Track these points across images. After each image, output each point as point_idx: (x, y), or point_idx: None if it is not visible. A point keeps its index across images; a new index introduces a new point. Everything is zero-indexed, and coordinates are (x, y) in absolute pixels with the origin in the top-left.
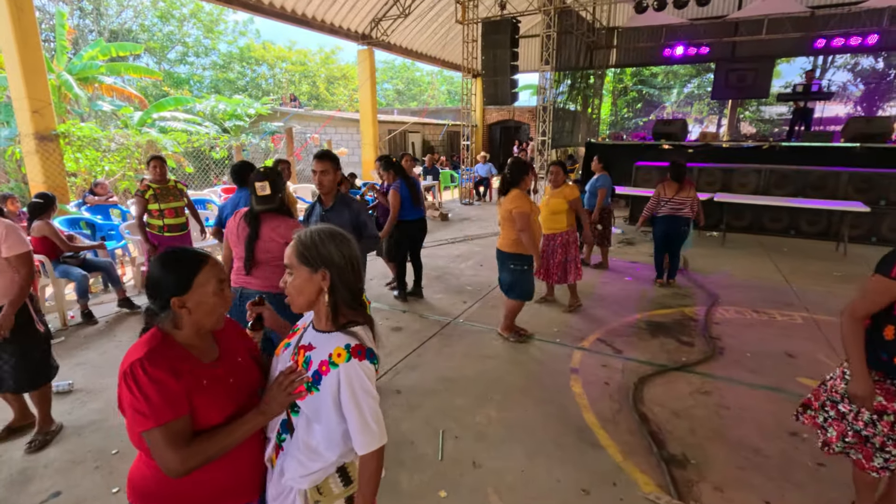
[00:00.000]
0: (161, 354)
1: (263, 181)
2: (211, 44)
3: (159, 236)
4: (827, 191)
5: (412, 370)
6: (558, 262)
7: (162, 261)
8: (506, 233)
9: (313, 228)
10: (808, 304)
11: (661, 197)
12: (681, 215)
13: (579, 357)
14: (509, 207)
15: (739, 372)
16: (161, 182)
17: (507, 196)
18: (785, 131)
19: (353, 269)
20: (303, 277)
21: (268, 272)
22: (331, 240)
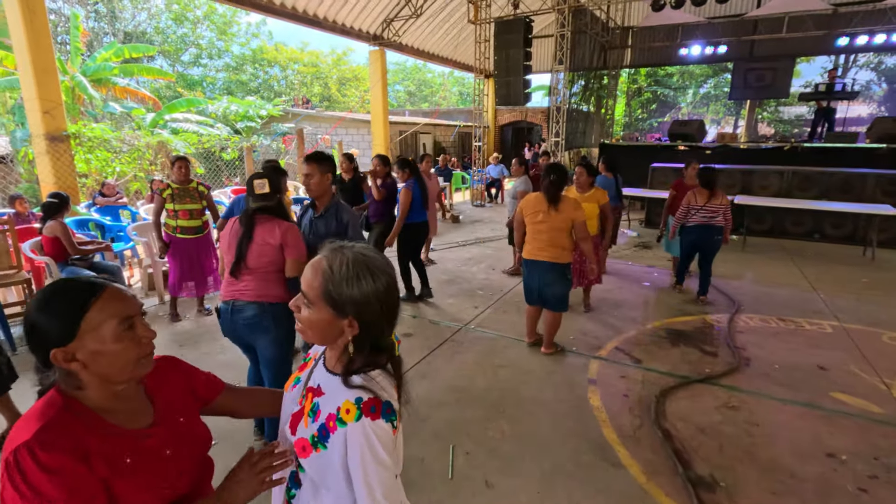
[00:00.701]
0: (59, 431)
1: (262, 179)
2: (224, 46)
3: (171, 237)
4: (853, 193)
5: (422, 378)
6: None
7: (39, 296)
8: (562, 242)
9: (349, 253)
10: (838, 312)
11: (692, 205)
12: (714, 224)
13: (596, 367)
14: (573, 216)
15: (768, 385)
16: (183, 183)
17: (563, 203)
18: (805, 132)
19: (390, 315)
20: (324, 319)
21: (261, 280)
22: (369, 275)
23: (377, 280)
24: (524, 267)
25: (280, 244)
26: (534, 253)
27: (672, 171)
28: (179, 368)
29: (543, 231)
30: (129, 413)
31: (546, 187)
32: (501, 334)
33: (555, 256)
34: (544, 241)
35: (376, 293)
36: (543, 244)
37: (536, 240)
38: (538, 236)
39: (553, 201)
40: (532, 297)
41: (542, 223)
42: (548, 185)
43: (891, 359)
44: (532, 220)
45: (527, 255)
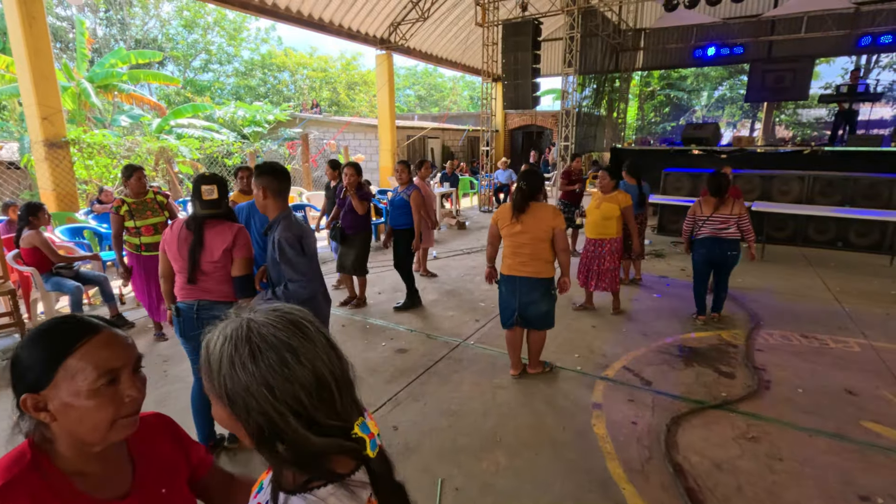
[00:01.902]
0: (22, 489)
1: (211, 185)
2: (234, 51)
3: (137, 256)
4: (880, 200)
5: (414, 401)
6: (606, 268)
7: (33, 330)
8: (544, 255)
9: (233, 325)
10: (866, 329)
11: (697, 215)
12: (725, 237)
13: (602, 389)
14: (552, 224)
15: (792, 412)
16: (139, 195)
17: (539, 210)
18: (824, 135)
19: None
20: (224, 416)
21: (217, 282)
22: (248, 355)
23: (258, 361)
24: (501, 284)
25: (228, 247)
26: (515, 268)
27: (687, 176)
28: (171, 430)
29: (525, 243)
30: (103, 478)
31: (514, 196)
32: (503, 351)
33: (538, 271)
34: (526, 255)
35: (261, 380)
36: (526, 258)
37: (517, 254)
38: (519, 250)
39: (518, 210)
40: (510, 318)
41: (522, 234)
42: (516, 194)
43: None
44: (509, 233)
45: (506, 271)
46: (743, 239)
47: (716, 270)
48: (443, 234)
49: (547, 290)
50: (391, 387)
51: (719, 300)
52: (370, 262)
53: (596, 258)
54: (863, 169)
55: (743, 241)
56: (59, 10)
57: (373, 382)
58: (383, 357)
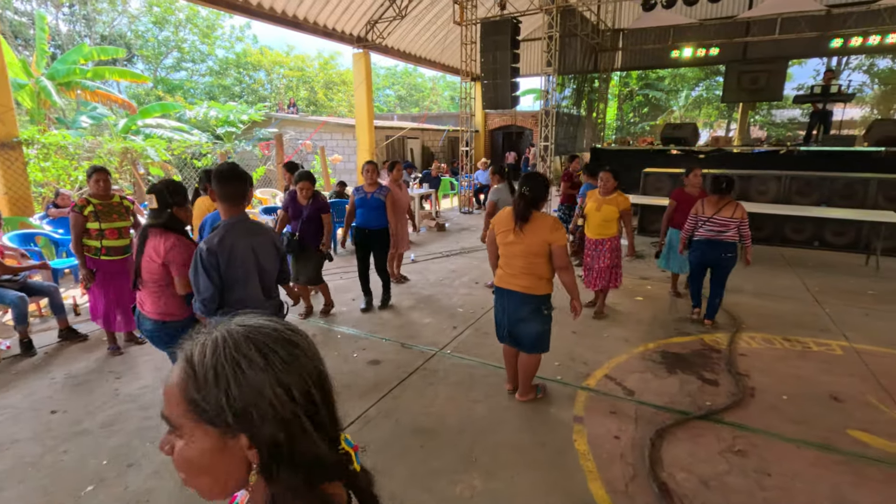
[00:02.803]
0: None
1: (151, 194)
2: (208, 49)
3: (96, 260)
4: (855, 199)
5: (386, 417)
6: (605, 266)
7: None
8: (538, 270)
9: (219, 332)
10: (846, 330)
11: (699, 215)
12: (722, 239)
13: (584, 400)
14: (549, 239)
15: (778, 422)
16: (104, 198)
17: (537, 222)
18: (798, 135)
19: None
20: (205, 449)
21: (154, 295)
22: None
23: (269, 357)
24: (495, 295)
25: (162, 262)
26: (505, 280)
27: (667, 176)
28: None
29: (517, 255)
30: None
31: (516, 202)
32: (481, 361)
33: (529, 286)
34: (518, 268)
35: (275, 379)
36: (517, 271)
37: (509, 265)
38: (511, 261)
39: (522, 219)
40: (502, 333)
41: (514, 245)
42: (518, 200)
43: None
44: (503, 241)
45: (497, 282)
46: (741, 241)
47: (711, 273)
48: (422, 237)
49: (538, 308)
50: (362, 402)
51: (713, 307)
52: (343, 269)
53: (597, 257)
54: (837, 169)
55: (740, 242)
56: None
57: (342, 399)
58: (354, 370)
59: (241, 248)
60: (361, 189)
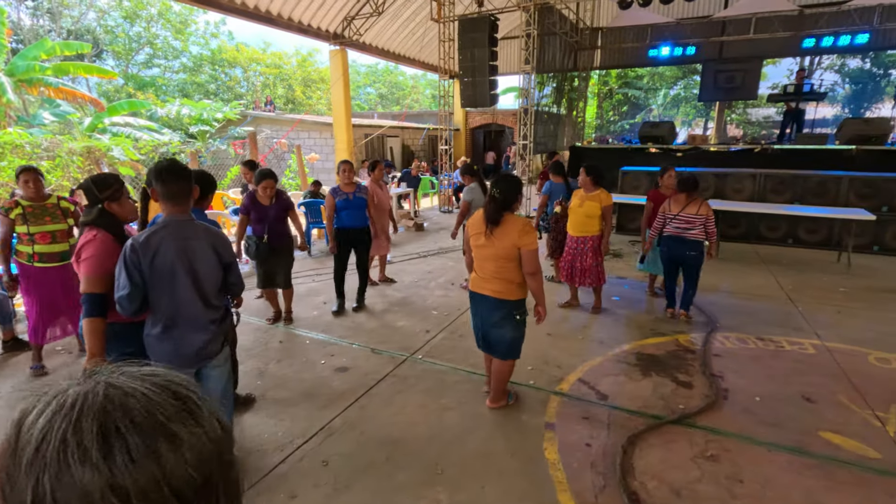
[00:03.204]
0: None
1: (79, 189)
2: (182, 45)
3: (27, 267)
4: (828, 197)
5: (351, 429)
6: (589, 265)
7: None
8: (509, 275)
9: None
10: (819, 329)
11: (666, 213)
12: (687, 237)
13: (556, 406)
14: (518, 243)
15: (751, 425)
16: (36, 199)
17: (507, 225)
18: (772, 133)
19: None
20: None
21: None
22: (135, 433)
23: (113, 450)
24: (470, 300)
25: (77, 261)
26: (478, 285)
27: (645, 174)
28: None
29: (488, 259)
30: None
31: (486, 205)
32: (453, 366)
33: (500, 291)
34: (489, 272)
35: (112, 482)
36: (488, 275)
37: (481, 269)
38: (482, 265)
39: (492, 222)
40: (477, 337)
41: (485, 248)
42: (488, 203)
43: (880, 385)
44: (475, 244)
45: (471, 287)
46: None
47: (682, 269)
48: (400, 237)
49: (510, 313)
50: (326, 413)
51: (686, 298)
52: (316, 271)
53: (579, 255)
54: (810, 167)
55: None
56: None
57: (306, 409)
58: (321, 378)
59: (169, 249)
60: (339, 190)
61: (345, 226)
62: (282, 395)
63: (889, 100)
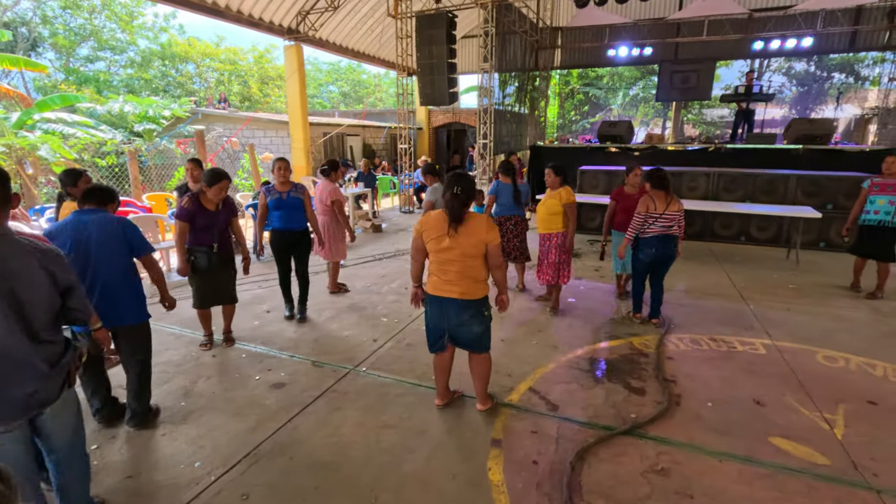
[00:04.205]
0: None
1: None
2: (129, 39)
3: None
4: (776, 195)
5: (280, 454)
6: (552, 262)
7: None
8: (474, 273)
9: None
10: (769, 328)
11: (651, 212)
12: (672, 234)
13: (505, 419)
14: (486, 239)
15: (701, 433)
16: None
17: (471, 223)
18: (726, 133)
19: None
20: None
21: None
22: None
23: None
24: (427, 305)
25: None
26: (441, 288)
27: (603, 173)
28: None
29: (453, 260)
30: None
31: (449, 203)
32: (398, 378)
33: (467, 292)
34: (454, 273)
35: None
36: (453, 277)
37: (443, 272)
38: (445, 267)
39: (457, 220)
40: (439, 340)
41: (450, 249)
42: (451, 201)
43: (827, 385)
44: (436, 248)
45: (432, 291)
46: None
47: (655, 270)
48: (357, 238)
49: (479, 310)
50: (254, 436)
51: (658, 304)
52: (263, 277)
53: (546, 252)
54: (760, 165)
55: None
56: None
57: (232, 432)
58: (253, 395)
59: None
60: (273, 188)
61: (277, 227)
62: (207, 417)
63: (832, 101)
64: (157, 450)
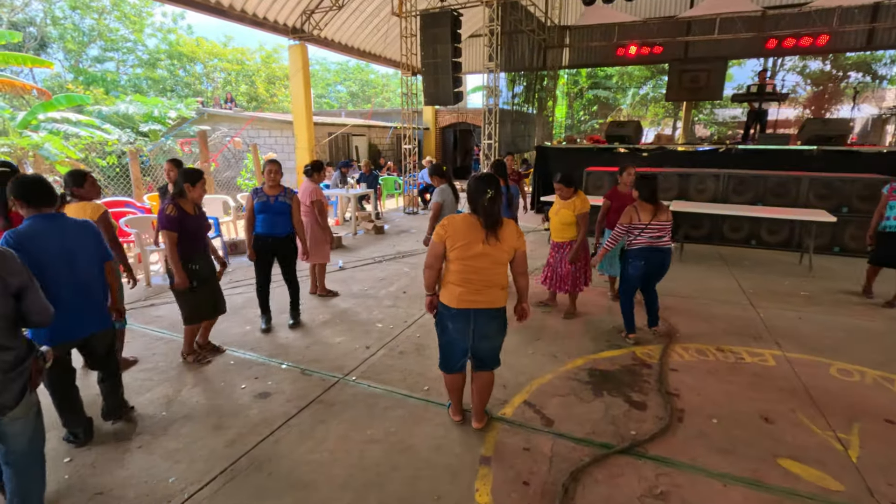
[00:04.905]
0: None
1: None
2: (137, 39)
3: None
4: (788, 197)
5: (257, 470)
6: (567, 271)
7: None
8: (501, 280)
9: None
10: (779, 337)
11: (634, 223)
12: (661, 246)
13: (496, 434)
14: (515, 246)
15: (705, 452)
16: None
17: (505, 229)
18: (738, 133)
19: None
20: None
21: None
22: None
23: None
24: (448, 321)
25: None
26: (469, 299)
27: (608, 175)
28: None
29: (485, 268)
30: None
31: (485, 209)
32: (389, 389)
33: (495, 300)
34: (481, 283)
35: None
36: (481, 286)
37: (470, 281)
38: (472, 276)
39: (493, 227)
40: (460, 360)
41: (482, 257)
42: (487, 206)
43: (841, 400)
44: (464, 254)
45: (456, 304)
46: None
47: (649, 280)
48: (358, 240)
49: (504, 320)
50: (233, 450)
51: (654, 311)
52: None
53: (560, 260)
54: (772, 167)
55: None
56: None
57: (211, 445)
58: (237, 406)
59: None
60: (261, 191)
61: (259, 232)
62: (187, 428)
63: (848, 101)
64: (132, 463)
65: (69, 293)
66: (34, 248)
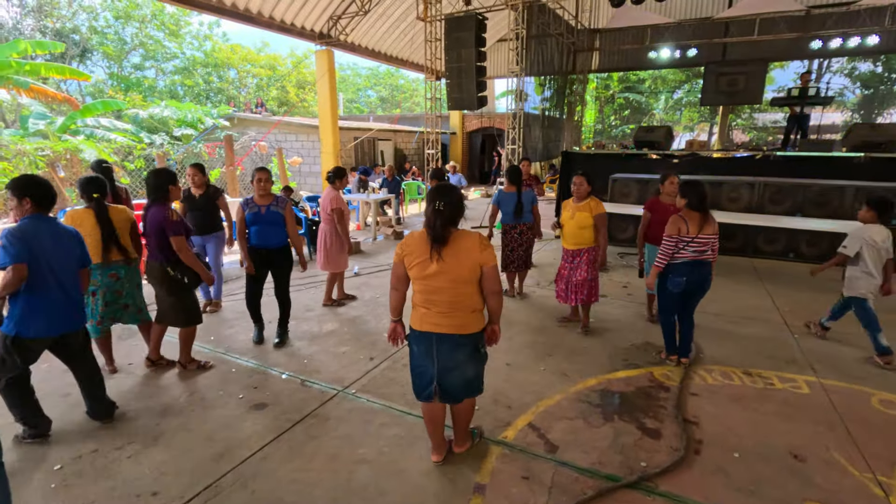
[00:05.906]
0: None
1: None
2: (176, 47)
3: None
4: (830, 208)
5: (241, 488)
6: (582, 279)
7: None
8: (469, 301)
9: None
10: (815, 362)
11: (683, 235)
12: (704, 259)
13: (495, 459)
14: (479, 261)
15: (722, 491)
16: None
17: (460, 241)
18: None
19: None
20: None
21: None
22: None
23: None
24: (413, 344)
25: None
26: (431, 322)
27: (634, 181)
28: None
29: (443, 288)
30: None
31: (430, 221)
32: (386, 404)
33: (463, 325)
34: (445, 304)
35: None
36: (444, 308)
37: (432, 302)
38: (433, 297)
39: (439, 240)
40: (427, 387)
41: (437, 275)
42: (432, 218)
43: (884, 437)
44: (420, 274)
45: (418, 326)
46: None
47: (689, 299)
48: (376, 245)
49: (475, 348)
50: (219, 466)
51: (687, 341)
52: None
53: (574, 269)
54: (813, 175)
55: None
56: None
57: (197, 459)
58: (230, 417)
59: None
60: (251, 202)
61: (252, 244)
62: (178, 438)
63: None
64: (119, 473)
65: (53, 292)
66: (35, 244)
